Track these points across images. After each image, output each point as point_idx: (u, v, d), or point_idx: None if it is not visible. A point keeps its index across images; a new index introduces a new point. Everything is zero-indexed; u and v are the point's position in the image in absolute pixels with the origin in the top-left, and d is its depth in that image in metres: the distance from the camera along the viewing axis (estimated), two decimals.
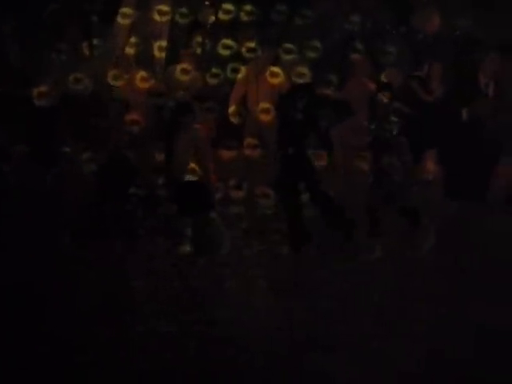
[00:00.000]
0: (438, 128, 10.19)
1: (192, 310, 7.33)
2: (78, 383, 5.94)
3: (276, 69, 10.26)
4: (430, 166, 10.25)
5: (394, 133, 8.84)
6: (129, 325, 6.96)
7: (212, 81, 10.48)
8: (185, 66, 10.44)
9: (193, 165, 9.18)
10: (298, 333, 6.85)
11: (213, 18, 10.76)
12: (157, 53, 10.69)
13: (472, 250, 8.88)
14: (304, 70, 10.32)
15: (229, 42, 10.56)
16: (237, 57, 10.54)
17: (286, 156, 9.07)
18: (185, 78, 10.41)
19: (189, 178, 8.99)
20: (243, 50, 10.49)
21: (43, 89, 10.27)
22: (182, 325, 6.98)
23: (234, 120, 10.34)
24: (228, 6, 10.62)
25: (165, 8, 10.64)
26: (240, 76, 10.38)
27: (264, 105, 10.12)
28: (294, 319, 7.15)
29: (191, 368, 6.21)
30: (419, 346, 6.64)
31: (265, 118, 10.11)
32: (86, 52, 10.58)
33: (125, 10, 10.61)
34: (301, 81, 10.02)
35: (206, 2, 10.85)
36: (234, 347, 6.56)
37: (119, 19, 10.64)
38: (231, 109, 10.35)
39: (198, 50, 10.67)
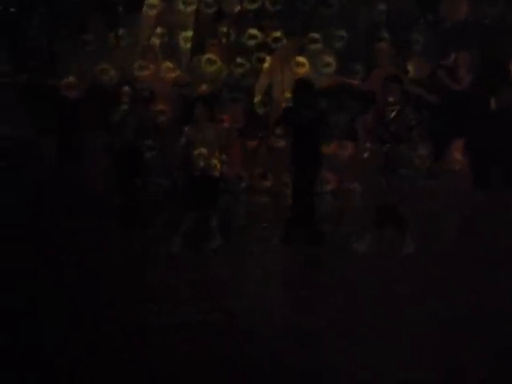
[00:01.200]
0: (466, 117, 10.08)
1: (210, 300, 7.36)
2: (95, 373, 5.98)
3: (301, 58, 10.20)
4: (457, 155, 10.15)
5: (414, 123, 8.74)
6: (146, 314, 7.01)
7: (237, 71, 10.46)
8: (210, 56, 10.44)
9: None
10: (316, 323, 6.85)
11: (238, 7, 10.73)
12: (182, 43, 10.68)
13: (499, 241, 8.77)
14: (329, 59, 10.27)
15: (254, 31, 10.52)
16: (262, 46, 10.50)
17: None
18: (210, 68, 10.40)
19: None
20: (268, 39, 10.44)
21: (70, 80, 10.33)
22: (198, 314, 7.02)
23: (260, 110, 10.32)
24: None
25: None
26: (265, 66, 10.35)
27: (289, 94, 10.05)
28: (313, 309, 7.15)
29: (206, 357, 6.23)
30: (438, 338, 6.59)
31: None
32: (113, 43, 10.61)
33: (151, 0, 10.63)
34: (325, 70, 10.02)
35: None
36: (251, 337, 6.59)
37: (145, 10, 10.67)
38: (256, 99, 10.32)
39: (224, 40, 10.66)
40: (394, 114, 8.73)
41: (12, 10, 10.91)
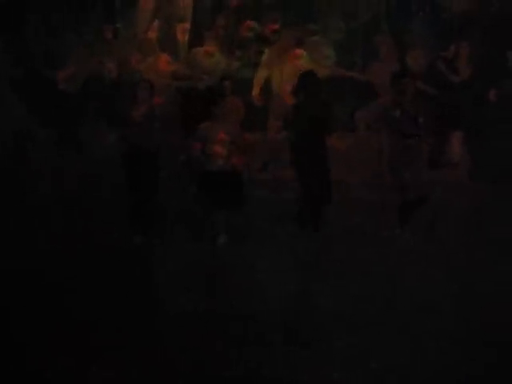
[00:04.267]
0: (466, 109, 10.04)
1: (217, 291, 7.46)
2: (111, 358, 6.11)
3: (300, 50, 10.14)
4: (457, 148, 10.11)
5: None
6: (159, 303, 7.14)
7: (236, 63, 10.42)
8: (208, 48, 10.40)
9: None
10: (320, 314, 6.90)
11: None
12: (180, 35, 10.66)
13: (499, 234, 8.73)
14: (328, 51, 10.22)
15: (252, 23, 10.47)
16: (260, 39, 10.45)
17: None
18: (208, 60, 10.35)
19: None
20: (267, 31, 10.39)
21: (67, 72, 10.30)
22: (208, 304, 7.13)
23: (258, 103, 10.27)
24: None
25: None
26: (264, 58, 10.29)
27: (289, 87, 9.99)
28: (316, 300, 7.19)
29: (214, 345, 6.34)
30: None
31: (290, 100, 9.99)
32: (109, 36, 10.56)
33: None
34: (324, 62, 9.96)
35: None
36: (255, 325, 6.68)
37: (142, 2, 10.63)
38: (255, 91, 10.27)
39: (222, 33, 10.60)
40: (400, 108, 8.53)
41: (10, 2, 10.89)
